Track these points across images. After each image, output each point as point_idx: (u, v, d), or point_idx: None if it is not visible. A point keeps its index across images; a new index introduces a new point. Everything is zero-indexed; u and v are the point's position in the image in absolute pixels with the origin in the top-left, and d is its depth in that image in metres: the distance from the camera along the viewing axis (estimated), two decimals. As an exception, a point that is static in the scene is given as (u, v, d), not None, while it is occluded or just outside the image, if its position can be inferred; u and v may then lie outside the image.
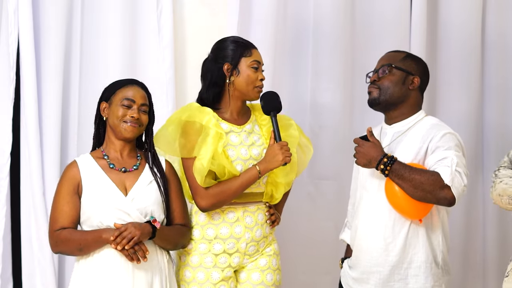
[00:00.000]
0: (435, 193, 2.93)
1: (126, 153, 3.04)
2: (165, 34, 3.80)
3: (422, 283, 3.05)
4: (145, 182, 2.99)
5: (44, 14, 3.68)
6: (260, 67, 3.15)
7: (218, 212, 3.13)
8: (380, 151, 3.02)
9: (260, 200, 3.19)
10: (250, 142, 3.16)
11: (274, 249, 3.23)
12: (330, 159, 4.03)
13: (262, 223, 3.18)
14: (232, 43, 3.15)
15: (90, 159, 3.02)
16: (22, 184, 3.66)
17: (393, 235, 3.05)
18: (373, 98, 3.13)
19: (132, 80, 3.10)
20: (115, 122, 2.99)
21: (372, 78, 3.14)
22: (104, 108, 3.03)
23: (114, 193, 2.94)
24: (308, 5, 4.03)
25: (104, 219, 2.90)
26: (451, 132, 3.06)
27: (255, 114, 3.23)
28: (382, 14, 4.08)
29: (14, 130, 3.65)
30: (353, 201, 3.33)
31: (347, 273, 3.22)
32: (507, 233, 4.27)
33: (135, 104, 2.99)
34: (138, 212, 2.92)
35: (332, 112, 4.03)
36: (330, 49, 4.02)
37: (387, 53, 3.23)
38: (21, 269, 3.67)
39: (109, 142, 3.04)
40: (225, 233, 3.11)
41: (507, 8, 4.25)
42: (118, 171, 2.99)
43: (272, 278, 3.19)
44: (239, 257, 3.14)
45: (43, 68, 3.68)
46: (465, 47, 4.17)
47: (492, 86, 4.27)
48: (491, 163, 4.21)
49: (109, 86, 3.07)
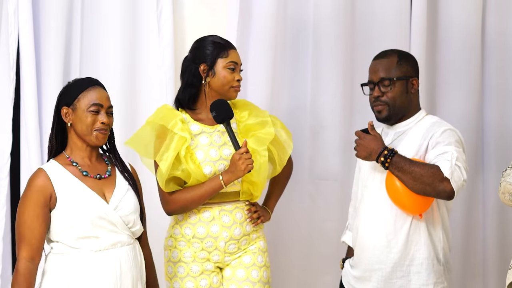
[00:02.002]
0: (434, 186, 2.94)
1: (94, 159, 2.84)
2: (165, 34, 3.80)
3: (424, 279, 3.06)
4: (123, 189, 2.84)
5: (44, 14, 3.68)
6: (237, 68, 3.15)
7: (194, 212, 3.14)
8: (381, 143, 3.04)
9: (237, 199, 3.17)
10: (222, 142, 3.15)
11: (259, 247, 3.20)
12: (330, 159, 4.02)
13: (241, 221, 3.16)
14: (209, 43, 3.15)
15: (58, 166, 2.78)
16: (22, 184, 3.66)
17: (394, 231, 3.05)
18: (384, 116, 3.14)
19: (92, 80, 2.86)
20: (84, 131, 2.77)
21: (375, 94, 3.13)
22: (66, 114, 2.78)
23: (95, 201, 2.74)
24: (308, 5, 4.03)
25: (87, 230, 2.71)
26: (452, 129, 3.09)
27: (234, 112, 3.21)
28: (382, 14, 4.08)
29: (14, 130, 3.65)
30: (354, 203, 3.33)
31: (349, 272, 3.23)
32: (507, 233, 4.27)
33: (102, 108, 2.79)
34: (121, 220, 2.78)
35: (332, 112, 4.03)
36: (330, 49, 4.01)
37: (378, 60, 3.18)
38: (21, 269, 3.66)
39: (75, 148, 2.82)
40: (201, 233, 3.12)
41: (507, 8, 4.25)
42: (94, 178, 2.79)
43: (258, 275, 3.16)
44: (218, 254, 3.13)
45: (43, 68, 3.68)
46: (465, 47, 4.17)
47: (492, 86, 4.27)
48: (491, 163, 4.21)
49: (68, 89, 2.83)
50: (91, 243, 2.73)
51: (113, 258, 2.76)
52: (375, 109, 3.16)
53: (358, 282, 3.16)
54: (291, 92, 4.02)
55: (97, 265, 2.73)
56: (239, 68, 3.17)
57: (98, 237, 2.74)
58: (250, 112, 3.24)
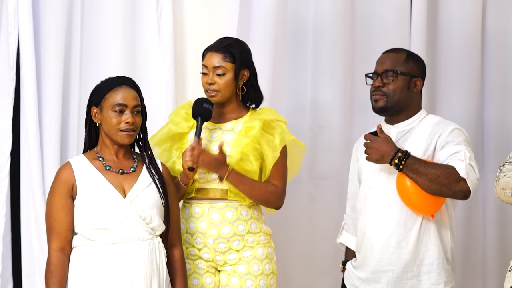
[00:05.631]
0: (450, 186, 2.94)
1: (121, 155, 2.94)
2: (165, 34, 3.80)
3: (435, 279, 3.06)
4: (144, 184, 2.91)
5: (44, 14, 3.68)
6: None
7: (188, 207, 3.16)
8: (393, 146, 3.01)
9: (226, 198, 3.14)
10: (217, 138, 3.16)
11: (256, 255, 3.15)
12: (330, 159, 4.02)
13: (232, 220, 3.11)
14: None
15: (84, 160, 2.92)
16: (22, 184, 3.66)
17: (405, 232, 3.04)
18: (380, 106, 3.12)
19: (120, 80, 2.96)
20: (111, 131, 2.88)
21: (376, 83, 3.12)
22: (95, 114, 2.91)
23: (112, 195, 2.85)
24: (308, 5, 4.03)
25: (101, 222, 2.83)
26: (459, 128, 3.11)
27: (250, 116, 3.21)
28: (382, 14, 4.08)
29: (14, 130, 3.65)
30: (352, 204, 3.32)
31: (353, 274, 3.20)
32: (507, 233, 4.27)
33: (127, 108, 2.88)
34: (137, 214, 2.86)
35: (332, 112, 4.03)
36: (330, 49, 4.01)
37: (387, 53, 3.21)
38: (21, 269, 3.66)
39: (103, 145, 2.94)
40: (192, 228, 3.13)
41: (507, 8, 4.25)
42: (116, 173, 2.90)
43: (253, 284, 3.12)
44: (208, 252, 3.12)
45: (43, 68, 3.68)
46: (465, 47, 4.17)
47: (492, 85, 4.27)
48: (491, 163, 4.21)
49: (97, 90, 2.94)
50: (105, 235, 2.83)
51: (125, 252, 2.83)
52: (373, 98, 3.14)
53: (365, 284, 3.15)
54: (291, 92, 4.02)
55: (109, 258, 2.82)
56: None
57: (111, 229, 2.83)
58: (259, 116, 3.20)
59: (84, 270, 2.83)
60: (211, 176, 3.13)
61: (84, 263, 2.83)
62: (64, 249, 2.85)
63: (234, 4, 3.84)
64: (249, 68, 3.24)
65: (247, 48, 3.26)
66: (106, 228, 2.83)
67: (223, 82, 3.15)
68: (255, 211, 3.19)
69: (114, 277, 2.81)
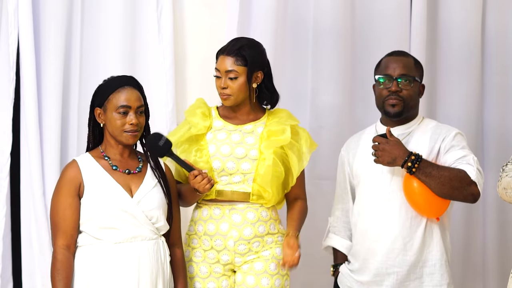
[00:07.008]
0: (462, 189, 2.97)
1: (127, 155, 2.96)
2: (165, 34, 3.80)
3: (438, 280, 3.06)
4: (150, 184, 2.93)
5: (44, 14, 3.68)
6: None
7: (206, 209, 3.14)
8: (405, 149, 3.00)
9: (248, 200, 3.14)
10: (239, 141, 3.15)
11: (274, 254, 3.15)
12: (330, 159, 4.01)
13: (253, 221, 3.12)
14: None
15: (90, 159, 2.92)
16: (22, 184, 3.66)
17: (410, 234, 3.05)
18: (397, 111, 3.10)
19: (123, 80, 2.95)
20: (115, 132, 2.89)
21: (393, 88, 3.09)
22: (99, 115, 2.91)
23: (120, 194, 2.86)
24: (308, 5, 4.03)
25: (108, 221, 2.85)
26: (461, 133, 3.14)
27: (268, 117, 3.22)
28: (382, 14, 4.08)
29: (14, 130, 3.65)
30: (342, 207, 3.31)
31: (350, 278, 3.20)
32: (507, 233, 4.27)
33: (131, 109, 2.88)
34: (144, 214, 2.88)
35: (332, 112, 4.03)
36: (330, 48, 4.01)
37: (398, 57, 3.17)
38: (21, 269, 3.67)
39: (108, 145, 2.95)
40: (211, 230, 3.11)
41: (507, 8, 4.25)
42: (122, 172, 2.91)
43: (269, 283, 3.11)
44: (227, 254, 3.11)
45: (43, 68, 3.68)
46: (465, 47, 4.17)
47: (492, 86, 4.26)
48: (491, 163, 4.20)
49: (100, 90, 2.94)
50: (111, 234, 2.85)
51: (132, 251, 2.86)
52: (389, 102, 3.09)
53: (364, 287, 3.15)
54: (291, 92, 4.02)
55: (116, 257, 2.84)
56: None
57: (118, 228, 2.85)
58: (279, 119, 3.21)
59: (91, 269, 2.85)
60: (233, 178, 3.13)
61: (91, 262, 2.85)
62: (69, 247, 2.86)
63: (234, 4, 3.84)
64: (263, 69, 3.19)
65: (260, 49, 3.21)
66: (113, 227, 2.85)
67: (235, 86, 3.12)
68: (273, 212, 3.21)
69: (121, 276, 2.83)
